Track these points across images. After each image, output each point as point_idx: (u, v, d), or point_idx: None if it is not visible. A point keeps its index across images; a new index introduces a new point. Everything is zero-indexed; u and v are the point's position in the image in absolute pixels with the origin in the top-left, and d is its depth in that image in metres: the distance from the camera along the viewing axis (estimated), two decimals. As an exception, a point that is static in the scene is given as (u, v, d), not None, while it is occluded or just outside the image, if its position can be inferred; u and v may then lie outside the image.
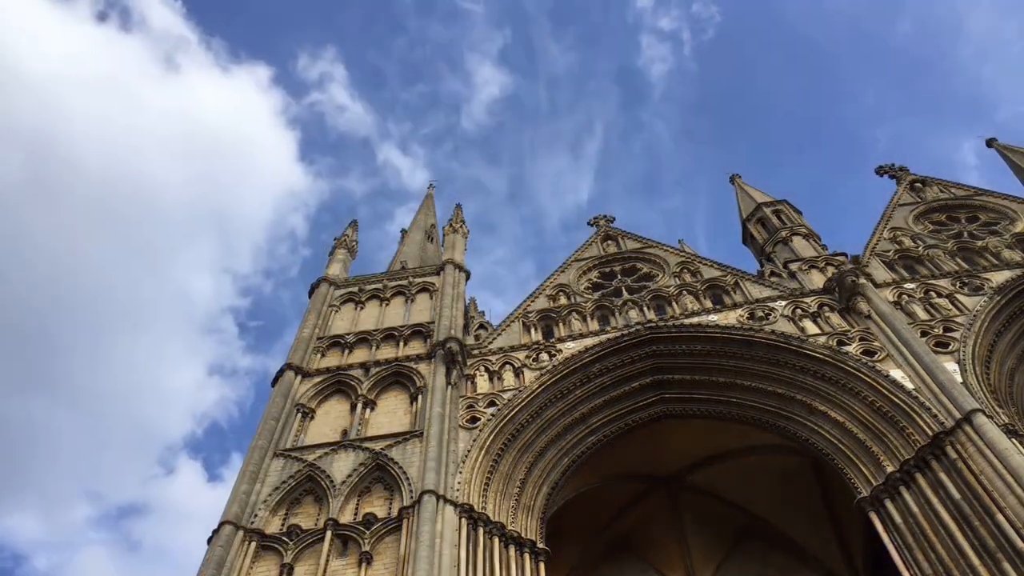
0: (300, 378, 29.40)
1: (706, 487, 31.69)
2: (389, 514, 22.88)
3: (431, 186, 62.54)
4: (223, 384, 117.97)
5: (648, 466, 30.99)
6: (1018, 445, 21.27)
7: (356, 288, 35.98)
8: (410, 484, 23.42)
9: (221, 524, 22.56)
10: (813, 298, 30.08)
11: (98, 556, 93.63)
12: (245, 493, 23.79)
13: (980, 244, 32.91)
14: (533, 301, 34.00)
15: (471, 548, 22.05)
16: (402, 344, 31.02)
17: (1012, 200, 36.52)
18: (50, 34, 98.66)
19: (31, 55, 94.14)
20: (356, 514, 23.13)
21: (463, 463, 24.48)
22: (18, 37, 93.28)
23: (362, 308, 34.51)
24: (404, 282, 35.84)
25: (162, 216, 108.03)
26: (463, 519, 22.57)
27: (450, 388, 27.54)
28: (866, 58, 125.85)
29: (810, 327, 28.44)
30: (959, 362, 24.88)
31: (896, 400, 24.11)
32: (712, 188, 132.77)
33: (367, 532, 22.23)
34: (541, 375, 28.07)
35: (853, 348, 26.53)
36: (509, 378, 28.67)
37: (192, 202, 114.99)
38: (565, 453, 26.95)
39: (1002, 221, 35.06)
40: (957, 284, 29.42)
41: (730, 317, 29.82)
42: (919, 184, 39.57)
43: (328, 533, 22.26)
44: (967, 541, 20.48)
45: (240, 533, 22.48)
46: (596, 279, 36.04)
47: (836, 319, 28.58)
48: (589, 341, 29.58)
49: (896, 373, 24.94)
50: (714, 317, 30.02)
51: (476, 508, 23.21)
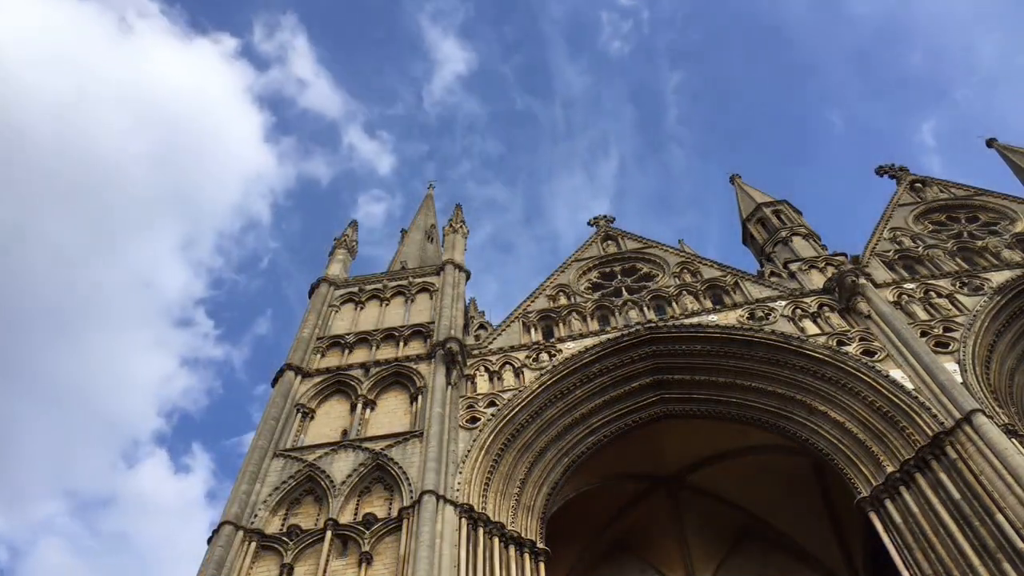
0: (300, 378, 29.41)
1: (706, 487, 31.69)
2: (389, 514, 22.88)
3: (431, 186, 62.35)
4: (190, 375, 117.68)
5: (648, 466, 30.99)
6: (1018, 445, 21.28)
7: (356, 288, 35.99)
8: (410, 484, 23.43)
9: (221, 524, 22.56)
10: (813, 298, 30.08)
11: (59, 548, 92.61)
12: (245, 493, 23.79)
13: (980, 244, 32.92)
14: (533, 301, 34.00)
15: (471, 548, 22.06)
16: (402, 344, 31.03)
17: (1012, 200, 36.53)
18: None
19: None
20: (356, 514, 23.13)
21: (463, 463, 24.48)
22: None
23: (362, 308, 34.52)
24: (404, 282, 35.85)
25: (121, 195, 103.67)
26: (463, 519, 22.58)
27: (450, 388, 27.55)
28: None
29: (810, 327, 28.45)
30: (959, 362, 24.89)
31: (896, 400, 24.11)
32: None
33: (367, 532, 22.23)
34: (541, 375, 28.07)
35: (853, 348, 26.53)
36: (509, 378, 28.68)
37: (153, 180, 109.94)
38: (565, 453, 26.95)
39: (1002, 221, 35.07)
40: (957, 284, 29.42)
41: (730, 317, 29.82)
42: (919, 184, 39.57)
43: (328, 533, 22.26)
44: (967, 541, 20.48)
45: (240, 533, 22.48)
46: (596, 279, 36.04)
47: (836, 319, 28.58)
48: (589, 341, 29.59)
49: (896, 373, 24.95)
50: (714, 317, 30.03)
51: (476, 508, 23.22)
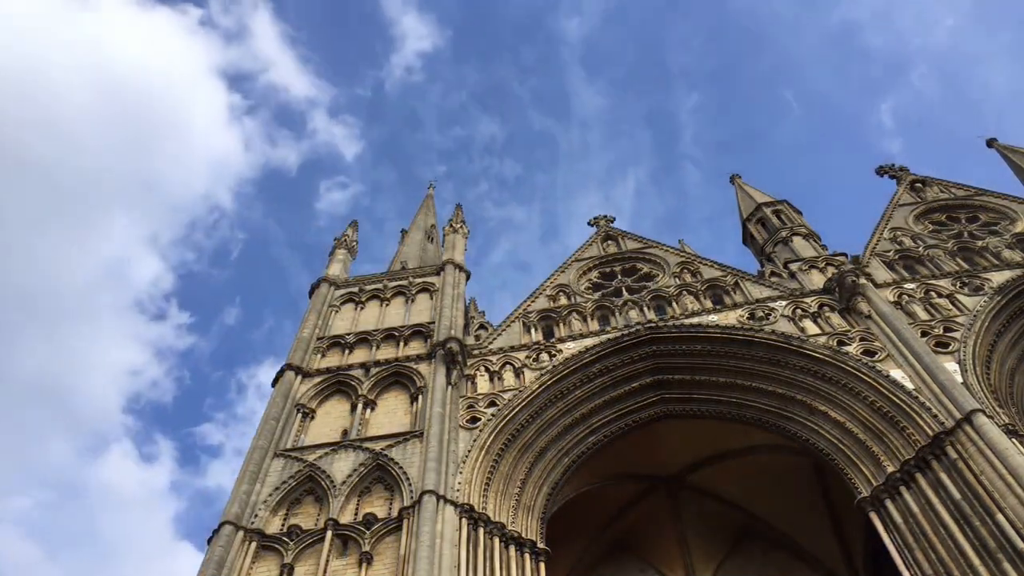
0: (300, 378, 29.41)
1: (706, 487, 31.68)
2: (389, 514, 22.88)
3: (431, 186, 62.33)
4: (157, 366, 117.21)
5: (648, 466, 30.98)
6: (1018, 445, 21.27)
7: (356, 288, 35.99)
8: (410, 484, 23.43)
9: (221, 524, 22.56)
10: (813, 298, 30.07)
11: (22, 540, 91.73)
12: (245, 493, 23.79)
13: (980, 244, 32.91)
14: (533, 301, 33.99)
15: (471, 548, 22.06)
16: (402, 344, 31.02)
17: (1012, 200, 36.52)
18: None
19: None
20: (356, 514, 23.13)
21: (463, 463, 24.48)
22: None
23: (362, 308, 34.52)
24: (404, 282, 35.84)
25: (80, 173, 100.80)
26: (463, 519, 22.58)
27: (450, 388, 27.54)
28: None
29: (810, 327, 28.45)
30: (959, 362, 24.87)
31: (896, 400, 24.11)
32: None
33: (367, 532, 22.23)
34: (541, 375, 28.07)
35: (853, 348, 26.53)
36: (509, 378, 28.68)
37: (114, 159, 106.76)
38: (565, 453, 26.95)
39: (1002, 221, 35.07)
40: (957, 284, 29.41)
41: (730, 317, 29.82)
42: (919, 184, 39.56)
43: (328, 533, 22.26)
44: (967, 541, 20.47)
45: (240, 533, 22.48)
46: (596, 279, 36.03)
47: (836, 319, 28.58)
48: (589, 341, 29.58)
49: (896, 373, 24.94)
50: (714, 317, 30.02)
51: (476, 508, 23.22)
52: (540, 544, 24.21)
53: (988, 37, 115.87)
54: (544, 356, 29.49)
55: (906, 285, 29.89)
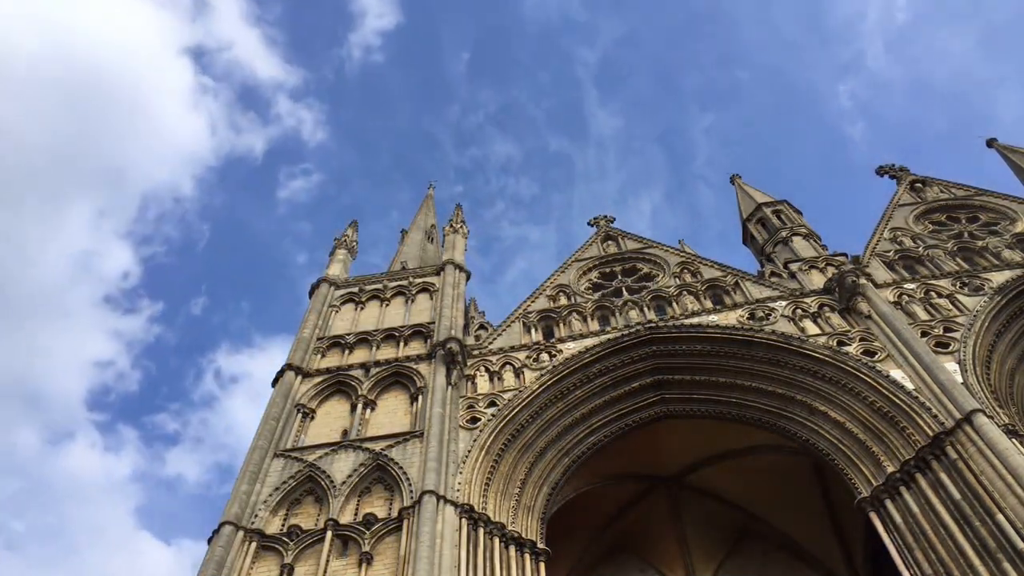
0: (300, 378, 29.41)
1: (706, 487, 31.69)
2: (389, 514, 22.88)
3: (431, 186, 62.38)
4: (119, 356, 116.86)
5: (648, 466, 30.99)
6: (1018, 445, 21.28)
7: (356, 288, 35.99)
8: (410, 484, 23.43)
9: (221, 524, 22.56)
10: (813, 298, 30.07)
11: None
12: (245, 493, 23.79)
13: (980, 244, 32.92)
14: (533, 301, 33.99)
15: (471, 548, 22.07)
16: (402, 344, 31.02)
17: (1012, 200, 36.52)
18: None
19: None
20: (356, 514, 23.13)
21: (463, 463, 24.48)
22: None
23: (362, 308, 34.52)
24: (404, 282, 35.84)
25: (41, 154, 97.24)
26: (463, 519, 22.58)
27: (450, 388, 27.54)
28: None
29: (810, 327, 28.45)
30: (959, 362, 24.88)
31: (896, 400, 24.11)
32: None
33: (367, 532, 22.23)
34: (541, 375, 28.07)
35: (853, 348, 26.53)
36: (509, 378, 28.68)
37: (71, 142, 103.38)
38: (565, 453, 26.96)
39: (1002, 221, 35.06)
40: (957, 284, 29.42)
41: (730, 317, 29.82)
42: (919, 184, 39.56)
43: (328, 533, 22.26)
44: (967, 541, 20.47)
45: (240, 533, 22.48)
46: (596, 279, 36.03)
47: (836, 319, 28.58)
48: (589, 341, 29.58)
49: (896, 373, 24.95)
50: (714, 317, 30.02)
51: (476, 508, 23.22)
52: (540, 544, 24.22)
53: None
54: (544, 356, 29.49)
55: (906, 285, 29.89)
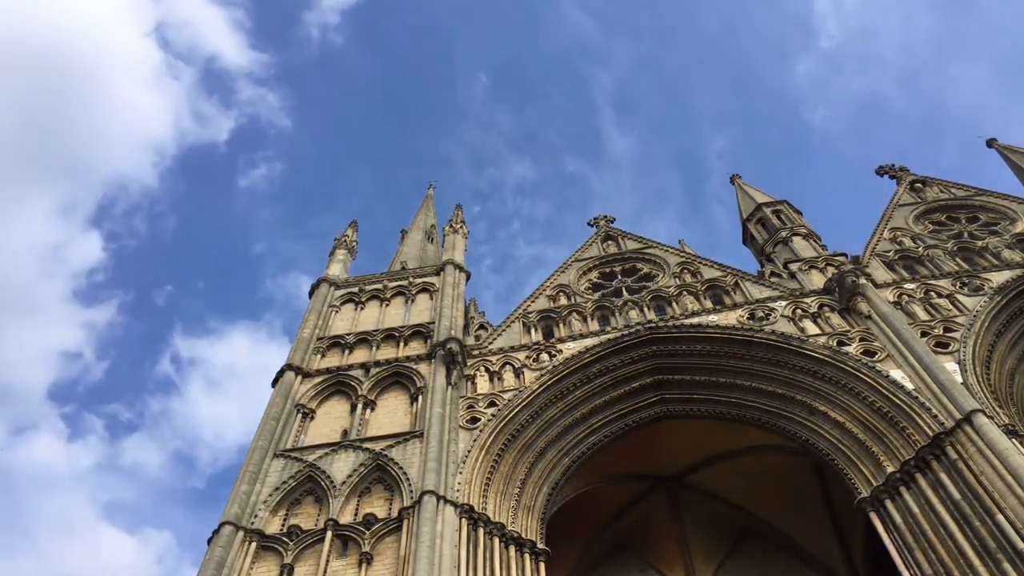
0: (300, 378, 29.42)
1: (706, 487, 31.69)
2: (389, 514, 22.88)
3: (431, 186, 62.35)
4: (80, 346, 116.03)
5: (648, 466, 31.00)
6: (1018, 445, 21.27)
7: (356, 288, 35.99)
8: (410, 484, 23.43)
9: (221, 524, 22.56)
10: (813, 298, 30.08)
11: None
12: (245, 493, 23.79)
13: (980, 244, 32.91)
14: (533, 301, 33.98)
15: (471, 548, 22.07)
16: (402, 344, 31.03)
17: (1012, 200, 36.52)
18: None
19: None
20: (356, 514, 23.13)
21: (463, 463, 24.48)
22: None
23: (362, 308, 34.52)
24: (404, 282, 35.84)
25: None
26: (463, 519, 22.58)
27: (450, 388, 27.54)
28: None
29: (810, 327, 28.45)
30: (959, 362, 24.87)
31: (896, 400, 24.11)
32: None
33: (367, 532, 22.23)
34: (541, 375, 28.07)
35: (853, 348, 26.53)
36: (509, 378, 28.67)
37: (31, 127, 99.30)
38: (565, 453, 26.95)
39: (1002, 221, 35.06)
40: (957, 284, 29.42)
41: (730, 317, 29.82)
42: (919, 184, 39.56)
43: (328, 533, 22.26)
44: (967, 541, 20.47)
45: (240, 533, 22.48)
46: (596, 279, 36.02)
47: (836, 319, 28.58)
48: (589, 341, 29.58)
49: (896, 373, 24.94)
50: (714, 317, 30.02)
51: (476, 508, 23.23)
52: (540, 544, 24.22)
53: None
54: (544, 356, 29.49)
55: (906, 285, 29.89)
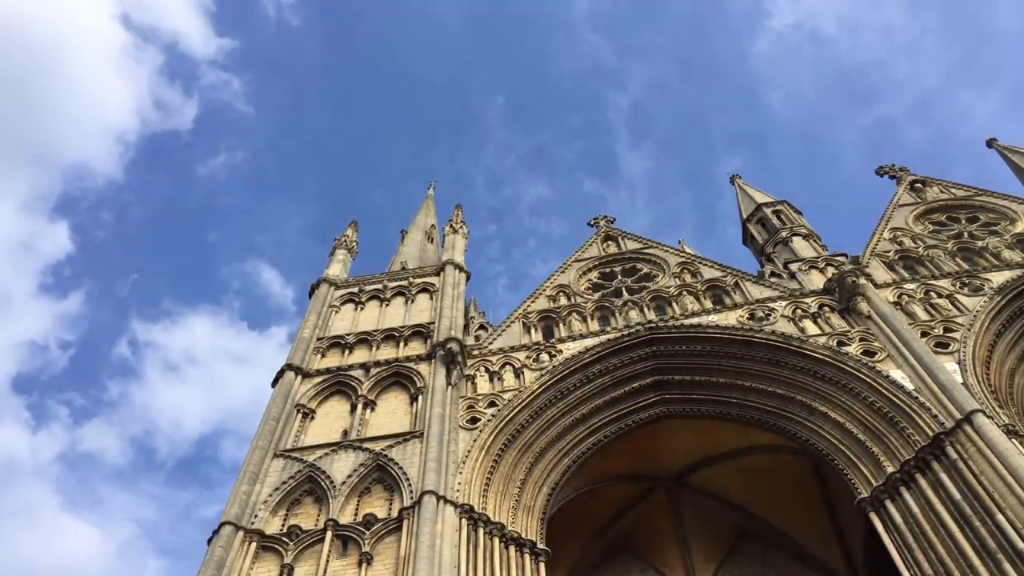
0: (300, 378, 29.42)
1: (706, 487, 31.69)
2: (389, 514, 22.88)
3: (431, 186, 62.43)
4: (43, 336, 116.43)
5: (648, 466, 30.98)
6: (1018, 445, 21.26)
7: (356, 288, 35.99)
8: (410, 484, 23.43)
9: (221, 524, 22.56)
10: (813, 298, 30.08)
11: None
12: (245, 494, 23.79)
13: (980, 244, 32.91)
14: (533, 301, 33.99)
15: (471, 548, 22.08)
16: (402, 344, 31.03)
17: (1012, 200, 36.50)
18: None
19: None
20: (356, 514, 23.13)
21: (463, 463, 24.48)
22: None
23: (362, 308, 34.52)
24: (404, 282, 35.84)
25: None
26: (463, 519, 22.58)
27: (450, 388, 27.54)
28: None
29: (810, 327, 28.45)
30: (959, 362, 24.87)
31: (896, 400, 24.10)
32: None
33: (367, 532, 22.23)
34: (541, 375, 28.07)
35: (853, 348, 26.53)
36: (509, 378, 28.67)
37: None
38: (565, 453, 26.95)
39: (1002, 221, 35.05)
40: (957, 284, 29.41)
41: (730, 317, 29.82)
42: (919, 184, 39.55)
43: (328, 533, 22.26)
44: (967, 541, 20.45)
45: (240, 534, 22.48)
46: (596, 279, 36.02)
47: (836, 319, 28.58)
48: (589, 341, 29.58)
49: (896, 373, 24.94)
50: (714, 317, 30.02)
51: (476, 508, 23.23)
52: (540, 544, 24.21)
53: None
54: (544, 356, 29.49)
55: (906, 285, 29.89)
